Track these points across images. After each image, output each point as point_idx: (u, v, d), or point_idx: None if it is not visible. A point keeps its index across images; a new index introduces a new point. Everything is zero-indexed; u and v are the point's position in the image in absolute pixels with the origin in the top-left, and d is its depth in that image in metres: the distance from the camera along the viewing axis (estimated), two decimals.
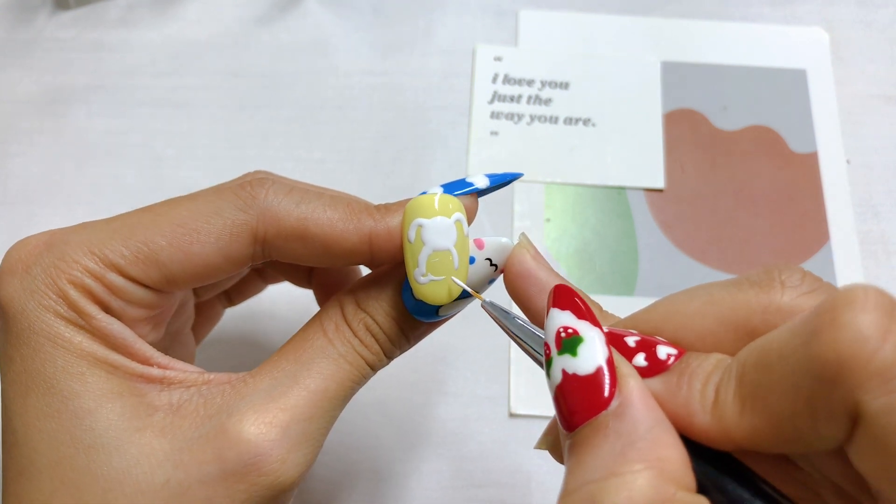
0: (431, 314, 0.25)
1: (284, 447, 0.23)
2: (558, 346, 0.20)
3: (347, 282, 0.32)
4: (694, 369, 0.19)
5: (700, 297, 0.21)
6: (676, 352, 0.20)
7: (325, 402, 0.24)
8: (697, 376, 0.19)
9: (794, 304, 0.19)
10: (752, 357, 0.18)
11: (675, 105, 0.49)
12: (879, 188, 0.46)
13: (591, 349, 0.19)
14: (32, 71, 0.49)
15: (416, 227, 0.24)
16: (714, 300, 0.20)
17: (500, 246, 0.25)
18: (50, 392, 0.22)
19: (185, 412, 0.23)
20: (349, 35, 0.51)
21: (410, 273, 0.24)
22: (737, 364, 0.19)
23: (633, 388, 0.19)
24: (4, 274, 0.24)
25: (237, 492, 0.22)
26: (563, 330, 0.20)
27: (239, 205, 0.24)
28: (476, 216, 0.26)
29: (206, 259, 0.24)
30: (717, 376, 0.19)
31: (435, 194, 0.24)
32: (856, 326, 0.16)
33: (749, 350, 0.18)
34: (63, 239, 0.24)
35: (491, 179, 0.26)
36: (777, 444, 0.18)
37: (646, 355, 0.20)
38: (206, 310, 0.35)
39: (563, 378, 0.19)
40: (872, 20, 0.52)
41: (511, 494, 0.38)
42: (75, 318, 0.23)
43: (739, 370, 0.18)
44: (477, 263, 0.24)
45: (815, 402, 0.16)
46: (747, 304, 0.20)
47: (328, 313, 0.26)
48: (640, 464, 0.17)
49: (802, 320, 0.17)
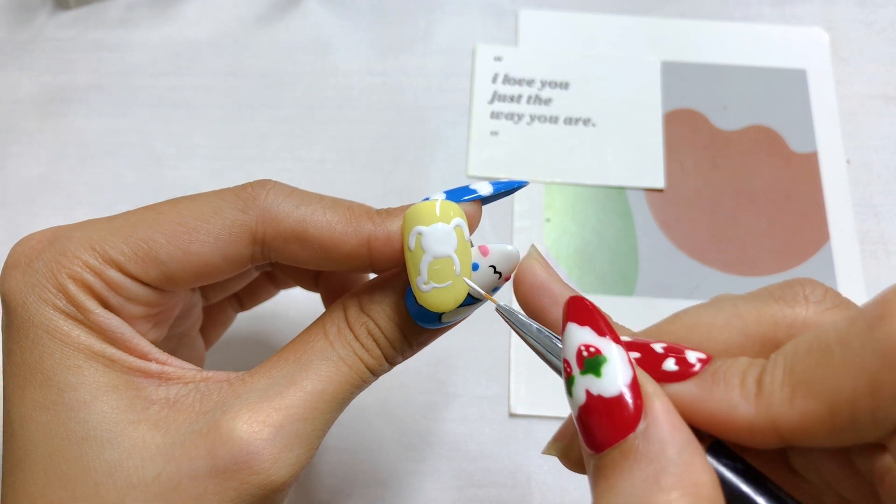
0: (434, 320, 0.25)
1: (277, 447, 0.23)
2: (580, 365, 0.19)
3: (354, 286, 0.32)
4: (727, 369, 0.20)
5: (726, 309, 0.21)
6: (705, 356, 0.20)
7: (321, 403, 0.24)
8: (733, 373, 0.19)
9: (819, 318, 0.20)
10: (804, 346, 0.19)
11: (675, 105, 0.49)
12: (879, 188, 0.46)
13: (615, 370, 0.19)
14: (32, 71, 0.49)
15: (415, 234, 0.24)
16: (740, 313, 0.21)
17: (505, 253, 0.25)
18: (47, 384, 0.23)
19: (181, 407, 0.23)
20: (349, 35, 0.51)
21: (413, 281, 0.24)
22: (784, 355, 0.19)
23: (659, 410, 0.19)
24: (8, 268, 0.24)
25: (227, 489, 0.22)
26: (584, 348, 0.19)
27: (239, 205, 0.24)
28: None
29: (205, 258, 0.24)
30: (756, 371, 0.19)
31: (435, 201, 0.24)
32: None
33: (798, 341, 0.19)
34: (65, 235, 0.24)
35: (495, 187, 0.26)
36: (829, 432, 0.18)
37: (675, 360, 0.20)
38: (217, 313, 0.35)
39: (587, 399, 0.19)
40: (872, 20, 0.52)
41: (511, 494, 0.38)
42: (74, 312, 0.23)
43: (789, 359, 0.19)
44: (481, 270, 0.24)
45: (879, 384, 0.17)
46: (772, 318, 0.20)
47: (331, 316, 0.26)
48: (676, 491, 0.17)
49: (862, 310, 0.18)
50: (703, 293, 0.43)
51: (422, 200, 0.24)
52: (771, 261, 0.44)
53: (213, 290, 0.33)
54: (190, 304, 0.31)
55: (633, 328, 0.42)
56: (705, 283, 0.43)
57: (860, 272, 0.44)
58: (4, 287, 0.24)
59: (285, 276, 0.34)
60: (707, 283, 0.43)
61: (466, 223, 0.24)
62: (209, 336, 0.35)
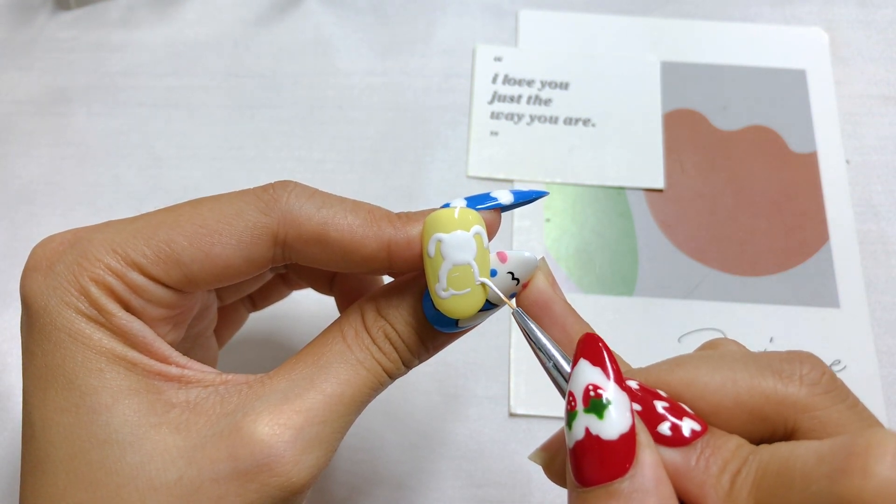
0: (451, 325, 0.25)
1: (297, 449, 0.23)
2: (585, 403, 0.20)
3: (369, 289, 0.32)
4: (713, 451, 0.20)
5: (723, 372, 0.21)
6: (700, 428, 0.21)
7: (340, 406, 0.24)
8: (716, 460, 0.20)
9: (810, 402, 0.20)
10: (774, 466, 0.19)
11: (675, 105, 0.49)
12: (879, 188, 0.46)
13: (617, 416, 0.20)
14: (32, 71, 0.49)
15: (435, 241, 0.24)
16: (735, 379, 0.21)
17: (524, 260, 0.25)
18: (69, 387, 0.23)
19: (202, 410, 0.23)
20: (349, 35, 0.51)
21: (432, 287, 0.24)
22: (757, 465, 0.19)
23: (647, 462, 0.20)
24: (29, 270, 0.24)
25: (248, 491, 0.22)
26: (592, 388, 0.20)
27: (261, 207, 0.24)
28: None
29: (226, 260, 0.24)
30: (735, 465, 0.20)
31: (455, 208, 0.24)
32: (883, 479, 0.17)
33: (772, 456, 0.19)
34: (87, 237, 0.24)
35: (515, 196, 0.26)
36: None
37: (671, 426, 0.21)
38: (230, 314, 0.35)
39: (585, 436, 0.20)
40: (872, 20, 0.52)
41: (511, 494, 0.38)
42: (96, 316, 0.23)
43: (759, 473, 0.19)
44: (499, 277, 0.24)
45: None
46: (764, 393, 0.21)
47: (348, 319, 0.26)
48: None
49: (832, 452, 0.18)
50: (702, 293, 0.43)
51: (441, 207, 0.24)
52: (770, 261, 0.44)
53: (229, 291, 0.33)
54: (206, 304, 0.31)
55: (633, 328, 0.42)
56: (705, 282, 0.43)
57: (860, 272, 0.44)
58: (26, 289, 0.24)
59: (299, 277, 0.34)
60: (707, 283, 0.43)
61: (486, 230, 0.24)
62: (222, 336, 0.35)
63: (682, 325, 0.42)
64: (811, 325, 0.42)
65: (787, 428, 0.21)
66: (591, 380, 0.20)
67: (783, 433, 0.21)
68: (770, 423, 0.21)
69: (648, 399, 0.21)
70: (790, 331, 0.42)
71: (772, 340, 0.42)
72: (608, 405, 0.20)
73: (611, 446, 0.20)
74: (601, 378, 0.20)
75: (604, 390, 0.20)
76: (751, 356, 0.22)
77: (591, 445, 0.20)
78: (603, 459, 0.20)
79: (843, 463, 0.17)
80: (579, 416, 0.20)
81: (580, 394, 0.20)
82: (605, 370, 0.21)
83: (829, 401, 0.20)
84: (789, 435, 0.21)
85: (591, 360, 0.21)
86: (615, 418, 0.20)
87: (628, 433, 0.20)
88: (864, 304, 0.43)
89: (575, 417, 0.20)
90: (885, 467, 0.17)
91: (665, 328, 0.42)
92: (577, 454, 0.20)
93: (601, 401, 0.20)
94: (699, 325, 0.42)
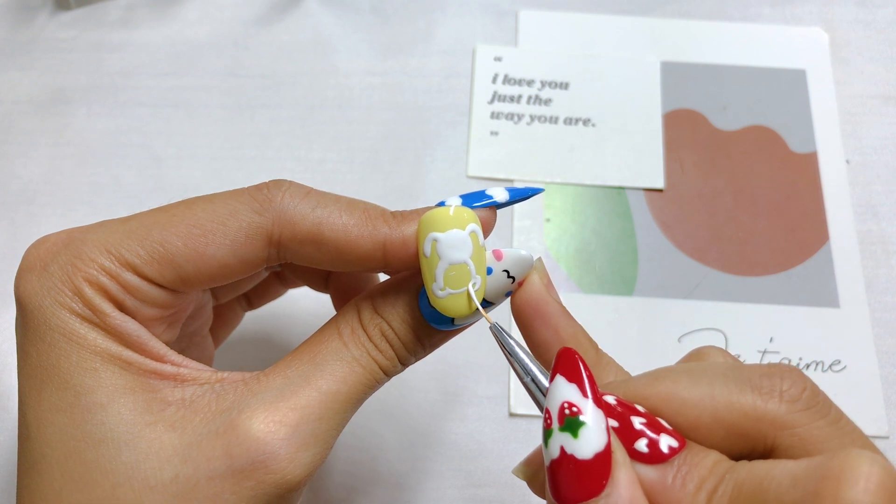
0: (447, 322, 0.25)
1: (293, 446, 0.23)
2: (560, 421, 0.20)
3: (364, 287, 0.32)
4: (690, 469, 0.20)
5: (702, 387, 0.21)
6: (678, 444, 0.21)
7: (336, 403, 0.24)
8: (692, 478, 0.20)
9: (789, 419, 0.20)
10: (750, 486, 0.19)
11: (675, 105, 0.49)
12: (879, 188, 0.46)
13: (592, 436, 0.20)
14: (32, 71, 0.49)
15: (430, 241, 0.24)
16: (714, 395, 0.21)
17: (520, 258, 0.25)
18: (63, 387, 0.23)
19: (197, 407, 0.23)
20: (349, 35, 0.51)
21: (429, 286, 0.24)
22: (733, 484, 0.19)
23: (622, 480, 0.19)
24: (23, 271, 0.24)
25: (244, 489, 0.22)
26: (567, 406, 0.20)
27: (255, 207, 0.24)
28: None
29: (220, 260, 0.24)
30: (712, 483, 0.20)
31: (450, 206, 0.24)
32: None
33: (748, 475, 0.19)
34: (80, 237, 0.24)
35: (511, 193, 0.26)
36: None
37: (647, 442, 0.20)
38: (226, 312, 0.35)
39: (560, 455, 0.20)
40: (872, 20, 0.52)
41: (511, 494, 0.38)
42: (90, 316, 0.23)
43: (735, 492, 0.19)
44: (495, 274, 0.24)
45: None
46: (742, 409, 0.20)
47: (345, 317, 0.26)
48: None
49: (806, 475, 0.18)
50: (702, 293, 0.43)
51: (436, 205, 0.24)
52: (770, 261, 0.44)
53: (224, 290, 0.33)
54: (201, 303, 0.31)
55: (633, 328, 0.42)
56: (705, 282, 0.43)
57: (859, 272, 0.44)
58: (20, 290, 0.24)
59: (295, 276, 0.34)
60: (706, 283, 0.43)
61: (481, 228, 0.24)
62: (218, 335, 0.35)
63: (681, 325, 0.42)
64: (811, 325, 0.42)
65: (766, 445, 0.20)
66: (566, 397, 0.20)
67: (763, 450, 0.20)
68: (749, 439, 0.20)
69: (626, 414, 0.21)
70: (790, 331, 0.42)
71: (772, 340, 0.42)
72: (583, 424, 0.20)
73: (586, 465, 0.19)
74: (577, 396, 0.20)
75: (578, 409, 0.20)
76: (732, 370, 0.21)
77: (567, 464, 0.20)
78: (578, 478, 0.19)
79: (816, 486, 0.17)
80: (555, 435, 0.20)
81: (556, 411, 0.20)
82: (581, 386, 0.20)
83: (809, 418, 0.20)
84: (769, 451, 0.20)
85: (568, 377, 0.21)
86: (590, 437, 0.20)
87: (603, 452, 0.20)
88: (864, 304, 0.43)
89: (551, 436, 0.20)
90: (858, 492, 0.17)
91: (665, 328, 0.42)
92: (553, 472, 0.20)
93: (576, 419, 0.20)
94: (699, 325, 0.42)
